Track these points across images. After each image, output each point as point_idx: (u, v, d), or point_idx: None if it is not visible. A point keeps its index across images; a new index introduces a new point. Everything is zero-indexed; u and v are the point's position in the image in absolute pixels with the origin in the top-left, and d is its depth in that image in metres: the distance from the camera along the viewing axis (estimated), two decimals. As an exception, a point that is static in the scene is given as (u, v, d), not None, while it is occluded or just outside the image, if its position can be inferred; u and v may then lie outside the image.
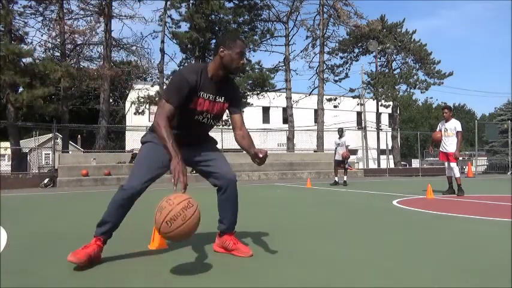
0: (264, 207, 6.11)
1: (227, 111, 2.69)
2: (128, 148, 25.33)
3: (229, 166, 2.73)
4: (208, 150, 2.68)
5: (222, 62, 2.48)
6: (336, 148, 11.41)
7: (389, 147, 27.32)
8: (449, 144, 7.38)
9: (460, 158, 15.91)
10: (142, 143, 2.60)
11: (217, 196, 2.70)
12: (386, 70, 27.56)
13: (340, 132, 11.42)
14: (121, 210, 2.46)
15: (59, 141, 20.14)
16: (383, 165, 24.93)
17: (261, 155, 2.54)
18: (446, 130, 7.47)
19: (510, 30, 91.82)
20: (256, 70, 20.92)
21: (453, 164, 7.38)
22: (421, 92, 26.92)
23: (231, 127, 2.77)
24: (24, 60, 16.76)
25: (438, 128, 7.74)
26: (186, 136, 2.56)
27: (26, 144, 26.13)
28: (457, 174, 7.33)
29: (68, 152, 18.81)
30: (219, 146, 18.53)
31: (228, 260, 2.58)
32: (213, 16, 19.41)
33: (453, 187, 7.47)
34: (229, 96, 2.63)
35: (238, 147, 2.80)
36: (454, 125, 7.43)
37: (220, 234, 2.77)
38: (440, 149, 7.58)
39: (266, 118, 35.63)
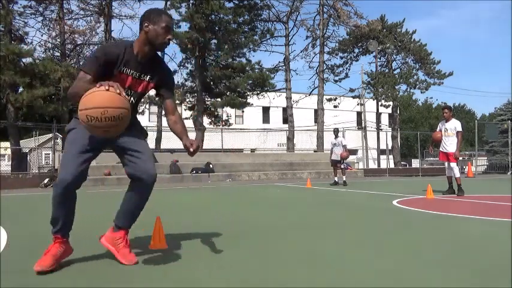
0: (264, 207, 6.11)
1: (160, 95, 2.59)
2: (127, 148, 25.28)
3: (153, 162, 2.57)
4: (134, 137, 2.51)
5: (147, 37, 2.39)
6: (332, 148, 11.47)
7: (390, 147, 27.31)
8: (450, 144, 7.38)
9: (460, 158, 15.90)
10: (67, 131, 2.46)
11: (129, 188, 2.54)
12: (387, 70, 27.56)
13: (336, 132, 11.47)
14: (64, 205, 2.35)
15: (59, 141, 20.10)
16: (383, 165, 24.93)
17: (192, 149, 2.43)
18: (447, 130, 7.47)
19: (510, 30, 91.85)
20: (256, 70, 20.90)
21: (453, 164, 7.38)
22: (421, 92, 26.95)
23: (231, 127, 2.73)
24: (24, 60, 16.76)
25: (438, 128, 7.74)
26: None
27: (26, 144, 26.11)
28: (457, 174, 7.33)
29: (68, 152, 18.75)
30: (219, 146, 18.47)
31: (228, 260, 2.58)
32: (213, 16, 19.39)
33: (453, 187, 7.47)
34: (158, 77, 2.53)
35: (238, 147, 2.77)
36: (454, 125, 7.43)
37: (114, 229, 2.59)
38: (441, 149, 7.58)
39: (266, 118, 35.63)
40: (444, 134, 7.49)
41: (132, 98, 2.48)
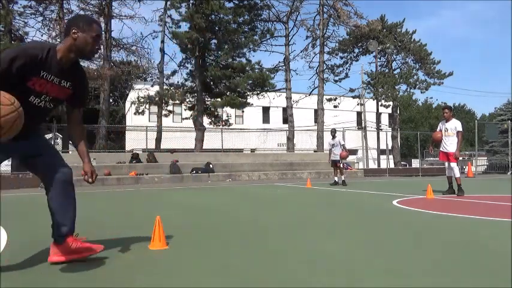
0: (264, 207, 6.11)
1: (71, 103, 2.52)
2: (128, 148, 25.31)
3: (61, 159, 2.52)
4: (40, 142, 2.47)
5: (75, 44, 2.33)
6: (330, 149, 11.51)
7: (389, 147, 27.32)
8: (450, 144, 7.39)
9: (460, 158, 15.88)
10: None
11: (50, 195, 2.43)
12: (387, 70, 27.56)
13: (333, 132, 11.53)
14: None
15: (59, 141, 20.12)
16: (383, 165, 24.93)
17: (90, 180, 2.45)
18: (447, 130, 7.48)
19: (510, 30, 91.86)
20: (256, 70, 20.91)
21: (453, 164, 7.38)
22: (421, 92, 26.95)
23: (231, 127, 2.73)
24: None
25: (438, 128, 7.75)
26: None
27: (26, 144, 26.05)
28: (457, 174, 7.34)
29: (68, 152, 18.79)
30: (219, 146, 18.44)
31: (228, 259, 2.58)
32: (213, 16, 19.40)
33: (453, 187, 7.48)
34: (77, 85, 2.46)
35: (239, 147, 2.76)
36: (454, 125, 7.44)
37: (59, 241, 2.44)
38: (441, 149, 7.59)
39: (266, 118, 35.63)
40: (444, 134, 7.49)
41: (47, 104, 2.36)
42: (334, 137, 11.40)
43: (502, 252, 2.72)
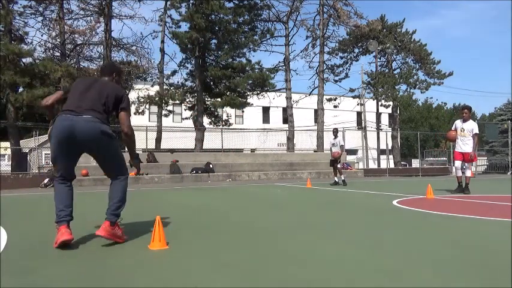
0: (264, 207, 6.11)
1: None
2: (127, 148, 25.26)
3: None
4: None
5: None
6: (330, 148, 11.53)
7: (390, 147, 27.32)
8: (465, 144, 7.59)
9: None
10: None
11: None
12: (387, 70, 27.54)
13: (335, 132, 11.52)
14: None
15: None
16: (383, 165, 24.93)
17: None
18: (463, 130, 7.60)
19: (510, 30, 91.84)
20: (256, 70, 20.89)
21: (468, 164, 7.63)
22: (421, 92, 26.92)
23: (231, 127, 2.77)
24: (24, 60, 16.76)
25: (454, 127, 7.86)
26: None
27: (26, 144, 26.12)
28: (469, 173, 7.62)
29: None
30: (219, 146, 18.46)
31: (228, 259, 2.58)
32: (213, 16, 19.39)
33: (462, 186, 7.66)
34: None
35: (238, 147, 2.79)
36: (471, 126, 7.61)
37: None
38: (456, 149, 7.74)
39: (266, 118, 35.63)
40: (460, 134, 7.61)
41: None
42: (335, 136, 11.40)
43: (502, 252, 2.73)
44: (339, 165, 11.38)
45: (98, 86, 3.16)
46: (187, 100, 21.55)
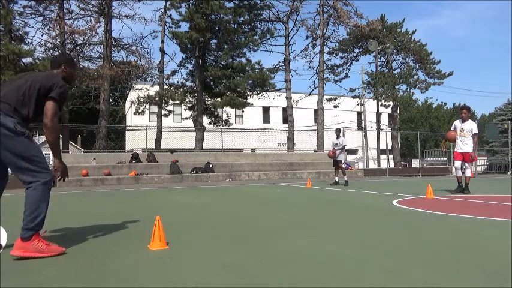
0: (264, 207, 6.11)
1: None
2: (128, 148, 25.32)
3: None
4: None
5: None
6: (333, 148, 11.50)
7: (389, 147, 27.32)
8: (465, 144, 7.61)
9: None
10: None
11: None
12: (387, 70, 27.55)
13: (338, 132, 11.49)
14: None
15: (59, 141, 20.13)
16: (383, 165, 24.92)
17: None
18: (463, 130, 7.61)
19: (510, 30, 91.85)
20: (256, 70, 20.90)
21: (468, 164, 7.64)
22: (421, 92, 26.94)
23: (231, 127, 2.74)
24: (24, 60, 16.76)
25: (453, 127, 7.87)
26: None
27: (26, 144, 26.02)
28: (469, 173, 7.63)
29: (68, 152, 18.80)
30: (219, 146, 18.47)
31: (228, 260, 2.58)
32: (213, 16, 19.40)
33: (462, 186, 7.68)
34: None
35: (238, 147, 2.77)
36: (471, 126, 7.61)
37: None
38: (456, 149, 7.75)
39: (266, 118, 35.63)
40: (459, 134, 7.62)
41: None
42: (338, 136, 11.38)
43: (502, 252, 2.73)
44: (343, 166, 11.37)
45: (27, 77, 2.84)
46: (187, 100, 21.57)
